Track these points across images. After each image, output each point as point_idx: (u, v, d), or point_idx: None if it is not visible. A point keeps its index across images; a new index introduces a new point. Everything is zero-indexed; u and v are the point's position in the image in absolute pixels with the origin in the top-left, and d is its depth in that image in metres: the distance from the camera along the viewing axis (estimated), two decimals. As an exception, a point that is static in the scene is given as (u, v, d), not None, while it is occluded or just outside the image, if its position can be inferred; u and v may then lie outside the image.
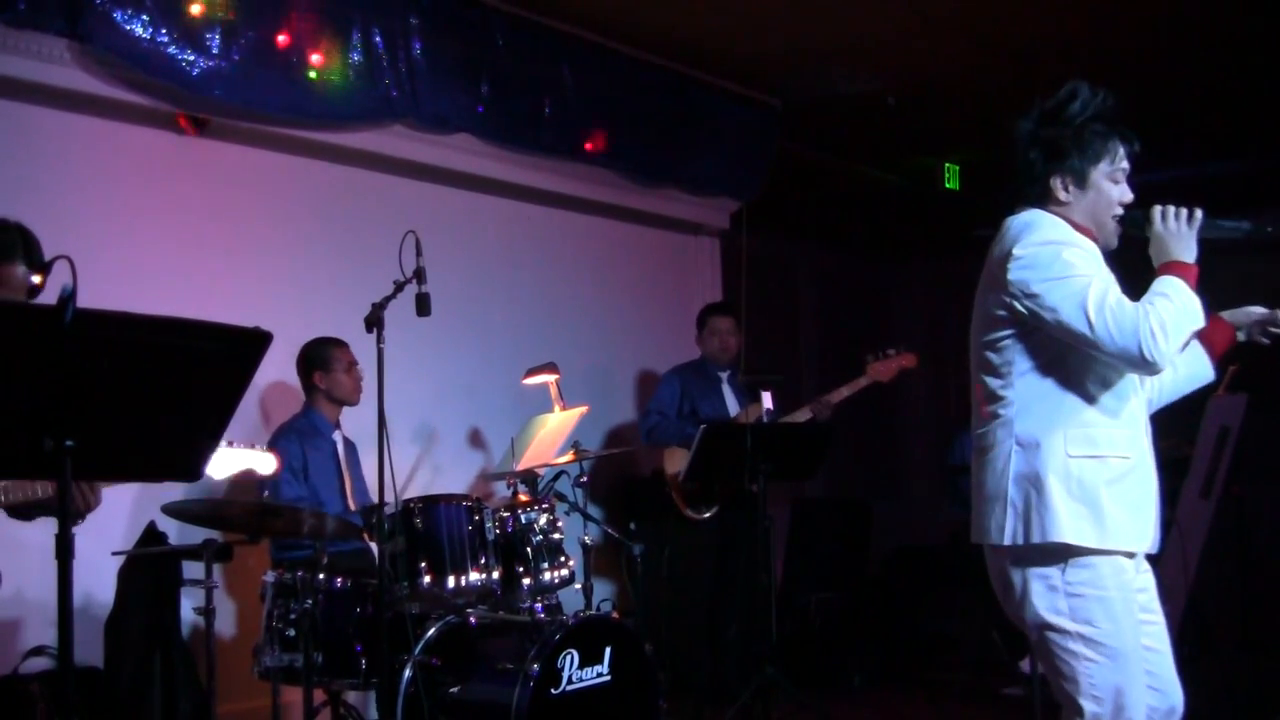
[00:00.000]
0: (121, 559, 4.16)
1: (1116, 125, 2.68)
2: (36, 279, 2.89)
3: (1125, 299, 2.53)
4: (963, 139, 7.36)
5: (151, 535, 4.20)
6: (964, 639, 6.90)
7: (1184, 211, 2.62)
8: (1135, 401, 2.67)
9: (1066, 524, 2.54)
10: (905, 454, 10.09)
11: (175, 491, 3.49)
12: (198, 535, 3.84)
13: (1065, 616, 2.56)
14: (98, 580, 4.22)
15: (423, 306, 3.80)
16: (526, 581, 4.17)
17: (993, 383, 2.69)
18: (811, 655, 6.19)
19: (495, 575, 4.08)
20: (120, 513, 4.36)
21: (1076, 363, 2.61)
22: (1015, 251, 2.61)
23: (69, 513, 2.25)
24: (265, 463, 3.56)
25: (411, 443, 5.41)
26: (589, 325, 6.36)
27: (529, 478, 4.59)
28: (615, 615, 4.52)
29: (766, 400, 5.26)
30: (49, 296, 2.16)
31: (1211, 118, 7.17)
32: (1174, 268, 2.59)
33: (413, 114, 5.19)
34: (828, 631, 6.35)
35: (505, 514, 4.21)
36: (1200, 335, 2.77)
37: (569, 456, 4.79)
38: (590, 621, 4.05)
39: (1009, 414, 2.64)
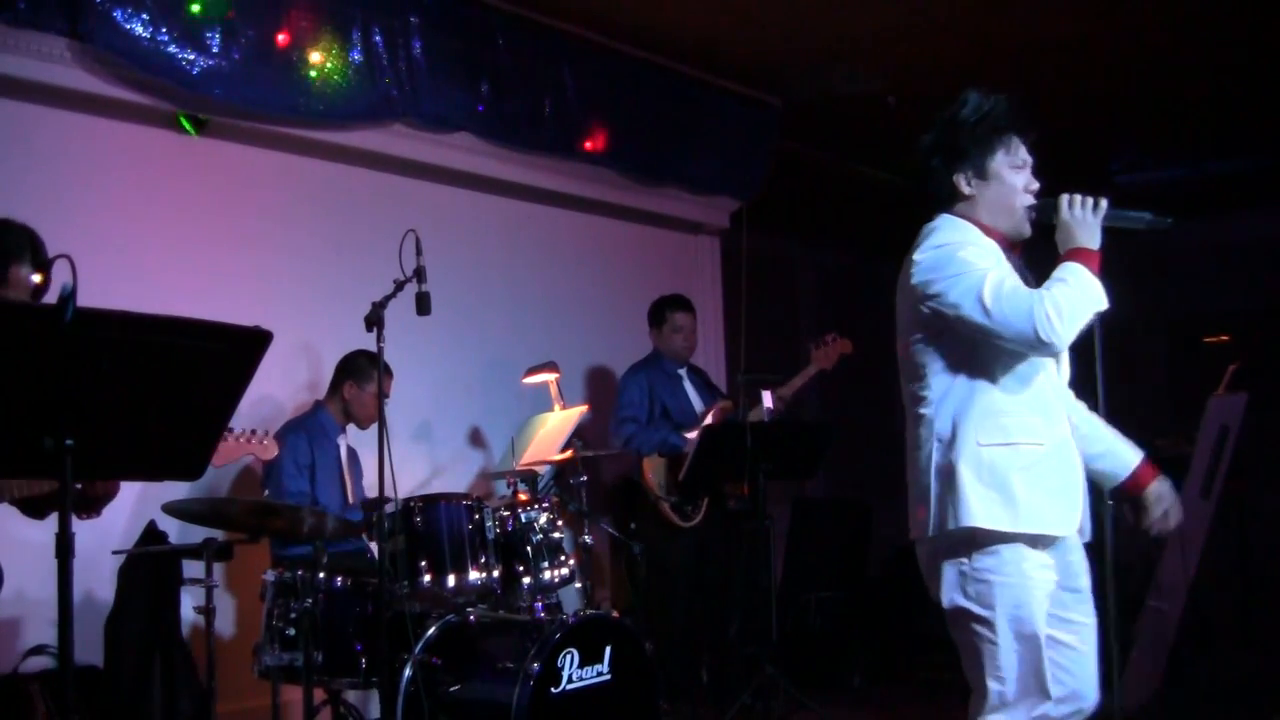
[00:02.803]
0: (122, 558, 4.16)
1: (1010, 120, 2.77)
2: (37, 278, 2.90)
3: (1021, 286, 2.63)
4: (963, 139, 7.35)
5: (152, 534, 4.19)
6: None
7: (1089, 200, 2.70)
8: (1050, 390, 2.74)
9: (977, 509, 2.62)
10: (905, 454, 10.08)
11: (176, 490, 3.49)
12: (198, 534, 3.83)
13: (973, 601, 2.66)
14: (98, 580, 4.23)
15: (423, 305, 3.80)
16: (526, 580, 4.17)
17: (913, 385, 2.80)
18: (811, 655, 6.19)
19: (495, 574, 4.08)
20: (120, 512, 4.36)
21: (986, 357, 2.69)
22: (915, 257, 2.73)
23: (69, 512, 2.25)
24: (265, 449, 3.57)
25: (412, 442, 5.41)
26: (589, 324, 6.35)
27: (529, 477, 4.58)
28: (615, 615, 4.52)
29: (767, 400, 5.26)
30: (49, 296, 2.16)
31: (1211, 117, 7.17)
32: (1078, 254, 2.68)
33: (413, 113, 5.19)
34: (828, 631, 6.34)
35: (505, 513, 4.21)
36: (1131, 475, 2.87)
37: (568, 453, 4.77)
38: (590, 621, 4.04)
39: (929, 412, 2.75)
